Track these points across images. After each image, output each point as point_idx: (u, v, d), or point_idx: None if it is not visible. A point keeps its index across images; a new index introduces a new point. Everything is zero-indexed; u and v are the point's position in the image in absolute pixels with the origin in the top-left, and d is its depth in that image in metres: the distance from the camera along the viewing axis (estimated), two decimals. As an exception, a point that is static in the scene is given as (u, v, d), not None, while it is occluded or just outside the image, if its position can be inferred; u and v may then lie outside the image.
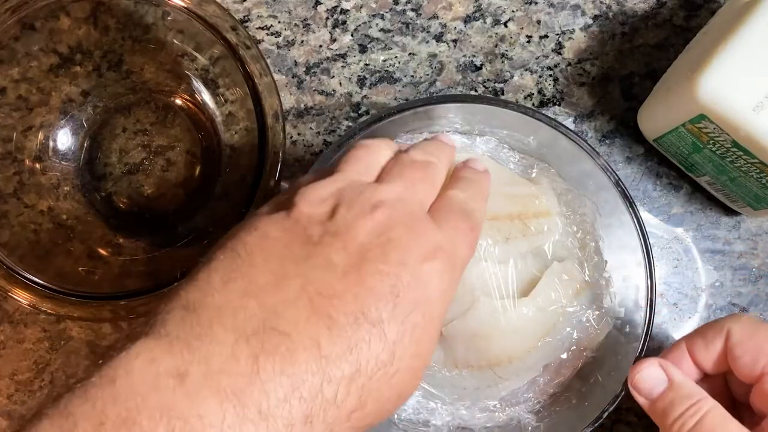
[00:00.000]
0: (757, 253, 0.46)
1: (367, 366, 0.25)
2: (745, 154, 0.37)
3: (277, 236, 0.27)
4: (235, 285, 0.25)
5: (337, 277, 0.26)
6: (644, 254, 0.38)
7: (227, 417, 0.23)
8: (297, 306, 0.25)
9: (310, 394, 0.24)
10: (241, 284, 0.25)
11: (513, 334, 0.38)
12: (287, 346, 0.24)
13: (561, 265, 0.39)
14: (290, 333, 0.24)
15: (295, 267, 0.26)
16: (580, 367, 0.40)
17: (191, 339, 0.24)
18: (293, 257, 0.26)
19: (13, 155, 0.42)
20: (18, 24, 0.39)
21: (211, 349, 0.23)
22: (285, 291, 0.25)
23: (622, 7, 0.46)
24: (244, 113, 0.42)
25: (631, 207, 0.38)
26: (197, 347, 0.23)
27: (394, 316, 0.26)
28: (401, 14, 0.46)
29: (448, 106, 0.39)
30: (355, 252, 0.27)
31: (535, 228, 0.39)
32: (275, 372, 0.24)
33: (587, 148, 0.38)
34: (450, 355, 0.38)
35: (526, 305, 0.38)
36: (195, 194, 0.44)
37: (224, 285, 0.25)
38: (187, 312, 0.25)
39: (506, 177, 0.41)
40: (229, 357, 0.23)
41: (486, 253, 0.38)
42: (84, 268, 0.42)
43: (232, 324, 0.24)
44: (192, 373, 0.23)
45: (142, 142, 0.44)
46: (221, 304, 0.25)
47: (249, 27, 0.45)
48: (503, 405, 0.40)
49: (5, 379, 0.44)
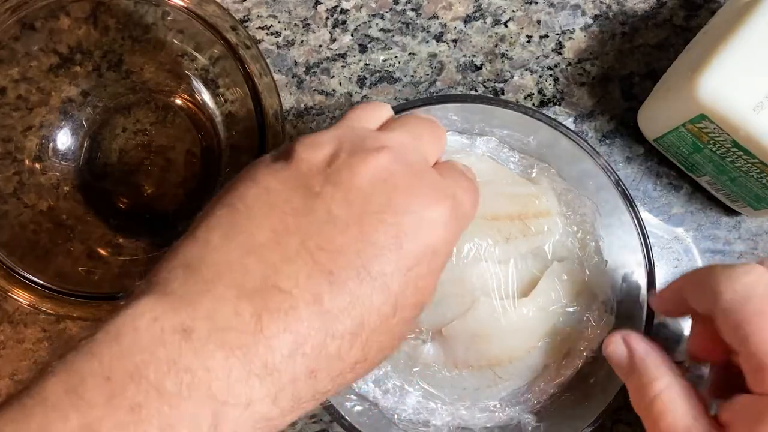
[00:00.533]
0: (757, 253, 0.46)
1: (370, 319, 0.25)
2: (745, 154, 0.37)
3: (277, 189, 0.26)
4: (235, 242, 0.25)
5: (338, 231, 0.26)
6: (644, 254, 0.38)
7: (233, 371, 0.23)
8: (298, 262, 0.25)
9: (314, 350, 0.24)
10: (241, 241, 0.25)
11: (513, 334, 0.38)
12: (290, 303, 0.24)
13: (561, 265, 0.39)
14: (291, 290, 0.24)
15: (295, 221, 0.25)
16: (580, 367, 0.40)
17: (194, 296, 0.24)
18: (293, 211, 0.26)
19: (13, 155, 0.42)
20: (18, 24, 0.39)
21: (214, 307, 0.23)
22: (285, 247, 0.25)
23: (622, 7, 0.46)
24: (244, 113, 0.42)
25: (632, 207, 0.38)
26: (201, 304, 0.23)
27: (398, 268, 0.26)
28: (401, 14, 0.46)
29: (447, 106, 0.39)
30: (357, 202, 0.26)
31: (535, 228, 0.39)
32: (279, 329, 0.24)
33: (587, 148, 0.38)
34: (450, 355, 0.38)
35: (527, 305, 0.38)
36: (195, 194, 0.44)
37: (224, 242, 0.25)
38: (188, 270, 0.25)
39: (506, 177, 0.41)
40: (233, 314, 0.23)
41: (486, 253, 0.38)
42: (84, 268, 0.42)
43: (233, 281, 0.24)
44: (198, 328, 0.23)
45: (142, 142, 0.44)
46: (222, 262, 0.25)
47: (249, 27, 0.45)
48: (503, 405, 0.40)
49: (5, 379, 0.44)
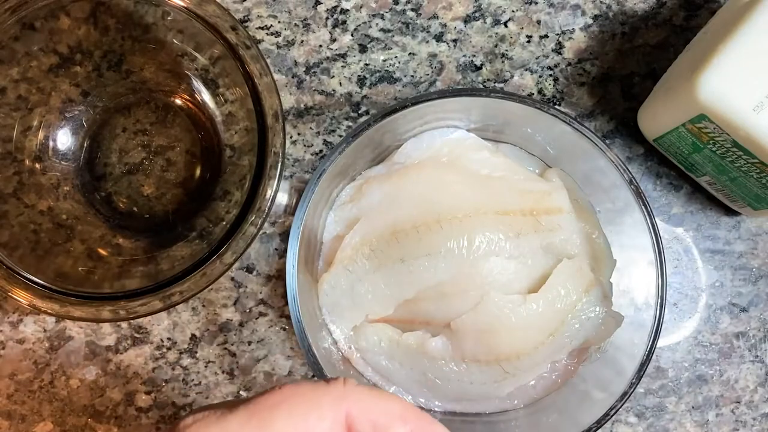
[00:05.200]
0: (757, 253, 0.46)
1: None
2: (745, 154, 0.37)
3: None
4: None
5: None
6: (656, 253, 0.38)
7: None
8: None
9: None
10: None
11: (522, 329, 0.38)
12: None
13: (571, 262, 0.39)
14: None
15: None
16: (586, 365, 0.40)
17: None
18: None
19: (13, 155, 0.42)
20: (18, 24, 0.39)
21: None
22: None
23: (622, 7, 0.46)
24: (244, 113, 0.42)
25: (644, 205, 0.38)
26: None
27: None
28: (401, 14, 0.46)
29: (461, 101, 0.39)
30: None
31: (546, 224, 0.39)
32: None
33: (601, 145, 0.38)
34: (458, 349, 0.38)
35: (536, 301, 0.38)
36: (195, 194, 0.44)
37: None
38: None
39: (519, 172, 0.41)
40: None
41: (497, 247, 0.38)
42: (84, 268, 0.42)
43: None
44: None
45: (142, 142, 0.44)
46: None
47: (249, 27, 0.45)
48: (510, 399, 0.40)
49: (5, 379, 0.44)
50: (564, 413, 0.39)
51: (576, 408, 0.39)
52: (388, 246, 0.38)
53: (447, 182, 0.39)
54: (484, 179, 0.40)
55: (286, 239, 0.40)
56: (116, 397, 0.45)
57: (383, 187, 0.40)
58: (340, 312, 0.40)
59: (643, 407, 0.45)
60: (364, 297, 0.39)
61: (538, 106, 0.38)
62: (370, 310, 0.39)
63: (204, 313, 0.45)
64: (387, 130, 0.39)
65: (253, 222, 0.37)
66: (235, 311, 0.45)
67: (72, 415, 0.45)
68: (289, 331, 0.45)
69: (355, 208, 0.40)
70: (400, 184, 0.40)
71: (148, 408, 0.45)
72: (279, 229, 0.45)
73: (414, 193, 0.39)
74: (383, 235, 0.39)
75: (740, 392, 0.45)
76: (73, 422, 0.45)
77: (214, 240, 0.38)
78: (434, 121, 0.41)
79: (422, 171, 0.40)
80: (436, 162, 0.41)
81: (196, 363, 0.45)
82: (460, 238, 0.38)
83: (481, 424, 0.40)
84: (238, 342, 0.45)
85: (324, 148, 0.45)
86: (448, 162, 0.40)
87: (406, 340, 0.39)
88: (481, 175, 0.40)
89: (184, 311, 0.45)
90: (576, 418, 0.38)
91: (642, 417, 0.45)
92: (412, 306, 0.39)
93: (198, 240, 0.43)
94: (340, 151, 0.37)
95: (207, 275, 0.37)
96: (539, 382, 0.40)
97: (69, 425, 0.45)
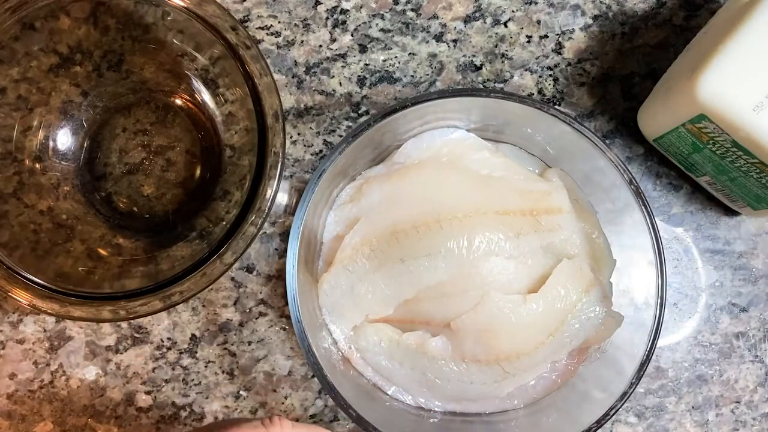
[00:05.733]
0: (757, 253, 0.46)
1: None
2: (745, 154, 0.37)
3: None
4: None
5: None
6: (656, 253, 0.38)
7: None
8: None
9: None
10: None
11: (522, 329, 0.38)
12: None
13: (571, 262, 0.39)
14: None
15: None
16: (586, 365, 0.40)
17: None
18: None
19: (13, 155, 0.42)
20: (18, 24, 0.39)
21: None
22: None
23: (622, 7, 0.46)
24: (244, 113, 0.42)
25: (644, 205, 0.38)
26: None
27: None
28: (401, 14, 0.46)
29: (461, 101, 0.39)
30: None
31: (546, 224, 0.39)
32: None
33: (601, 145, 0.38)
34: (458, 349, 0.38)
35: (536, 301, 0.38)
36: (195, 194, 0.44)
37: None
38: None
39: (519, 172, 0.41)
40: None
41: (497, 247, 0.38)
42: (84, 268, 0.42)
43: None
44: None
45: (142, 142, 0.44)
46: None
47: (249, 27, 0.45)
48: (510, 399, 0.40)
49: (5, 379, 0.44)
50: (564, 413, 0.39)
51: (576, 408, 0.39)
52: (388, 246, 0.38)
53: (447, 182, 0.39)
54: (484, 179, 0.40)
55: (286, 239, 0.40)
56: (116, 397, 0.45)
57: (383, 187, 0.40)
58: (340, 312, 0.40)
59: (643, 407, 0.45)
60: (364, 297, 0.39)
61: (538, 106, 0.38)
62: (370, 310, 0.39)
63: (204, 313, 0.45)
64: (387, 130, 0.39)
65: (253, 222, 0.37)
66: (235, 311, 0.45)
67: (72, 415, 0.45)
68: (289, 331, 0.45)
69: (355, 208, 0.40)
70: (400, 184, 0.40)
71: (148, 408, 0.45)
72: (279, 229, 0.45)
73: (414, 193, 0.39)
74: (383, 235, 0.39)
75: (740, 392, 0.45)
76: (73, 422, 0.45)
77: (214, 240, 0.38)
78: (434, 121, 0.41)
79: (422, 171, 0.40)
80: (436, 162, 0.41)
81: (196, 363, 0.45)
82: (460, 238, 0.38)
83: (481, 424, 0.41)
84: (238, 342, 0.45)
85: (324, 148, 0.45)
86: (448, 162, 0.41)
87: (406, 340, 0.39)
88: (481, 175, 0.40)
89: (184, 311, 0.45)
90: (576, 418, 0.38)
91: (642, 417, 0.45)
92: (412, 306, 0.39)
93: (198, 240, 0.43)
94: (340, 151, 0.37)
95: (207, 275, 0.37)
96: (539, 382, 0.40)
97: (69, 425, 0.45)
